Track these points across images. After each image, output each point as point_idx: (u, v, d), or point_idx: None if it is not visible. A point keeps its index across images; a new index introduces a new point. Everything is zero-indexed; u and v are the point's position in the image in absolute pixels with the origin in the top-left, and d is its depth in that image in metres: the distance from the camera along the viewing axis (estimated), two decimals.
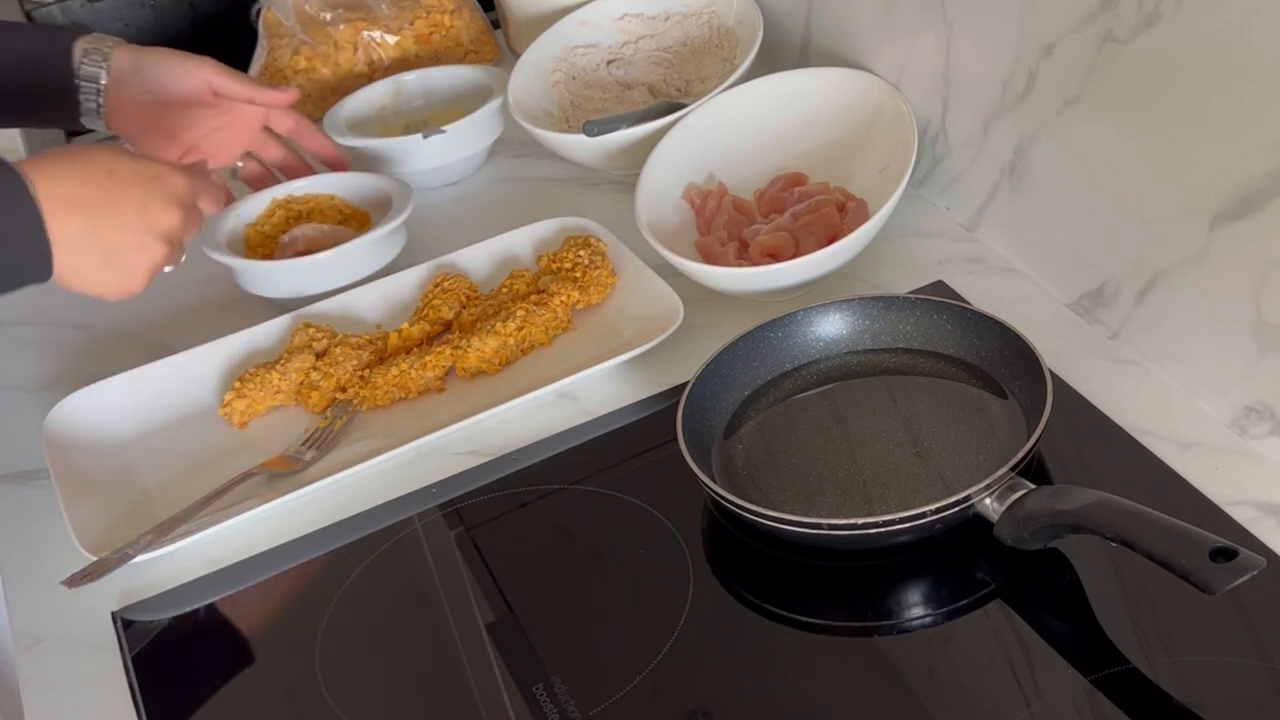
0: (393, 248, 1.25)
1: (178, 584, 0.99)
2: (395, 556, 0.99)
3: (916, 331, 1.02)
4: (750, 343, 1.03)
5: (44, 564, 1.02)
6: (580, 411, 1.08)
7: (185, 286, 1.30)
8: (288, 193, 1.29)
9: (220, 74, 1.18)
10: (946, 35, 1.12)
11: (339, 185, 1.31)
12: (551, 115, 1.39)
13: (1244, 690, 0.78)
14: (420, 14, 1.54)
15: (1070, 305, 1.07)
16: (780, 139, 1.24)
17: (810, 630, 0.90)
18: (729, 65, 1.37)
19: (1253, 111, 0.84)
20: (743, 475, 0.96)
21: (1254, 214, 0.87)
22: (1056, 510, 0.83)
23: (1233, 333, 0.91)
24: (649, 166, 1.21)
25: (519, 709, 0.86)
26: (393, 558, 0.99)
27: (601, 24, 1.45)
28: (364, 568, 0.98)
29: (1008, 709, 0.80)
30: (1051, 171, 1.05)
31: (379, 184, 1.29)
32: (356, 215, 1.29)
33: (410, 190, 1.27)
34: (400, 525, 1.01)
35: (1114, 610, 0.84)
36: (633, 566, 0.95)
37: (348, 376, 1.11)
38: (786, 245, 1.11)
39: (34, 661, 0.96)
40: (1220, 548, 0.75)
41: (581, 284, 1.15)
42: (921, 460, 0.95)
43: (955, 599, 0.88)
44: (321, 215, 1.29)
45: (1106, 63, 0.95)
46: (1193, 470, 0.92)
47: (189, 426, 1.12)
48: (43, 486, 1.07)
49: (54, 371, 1.23)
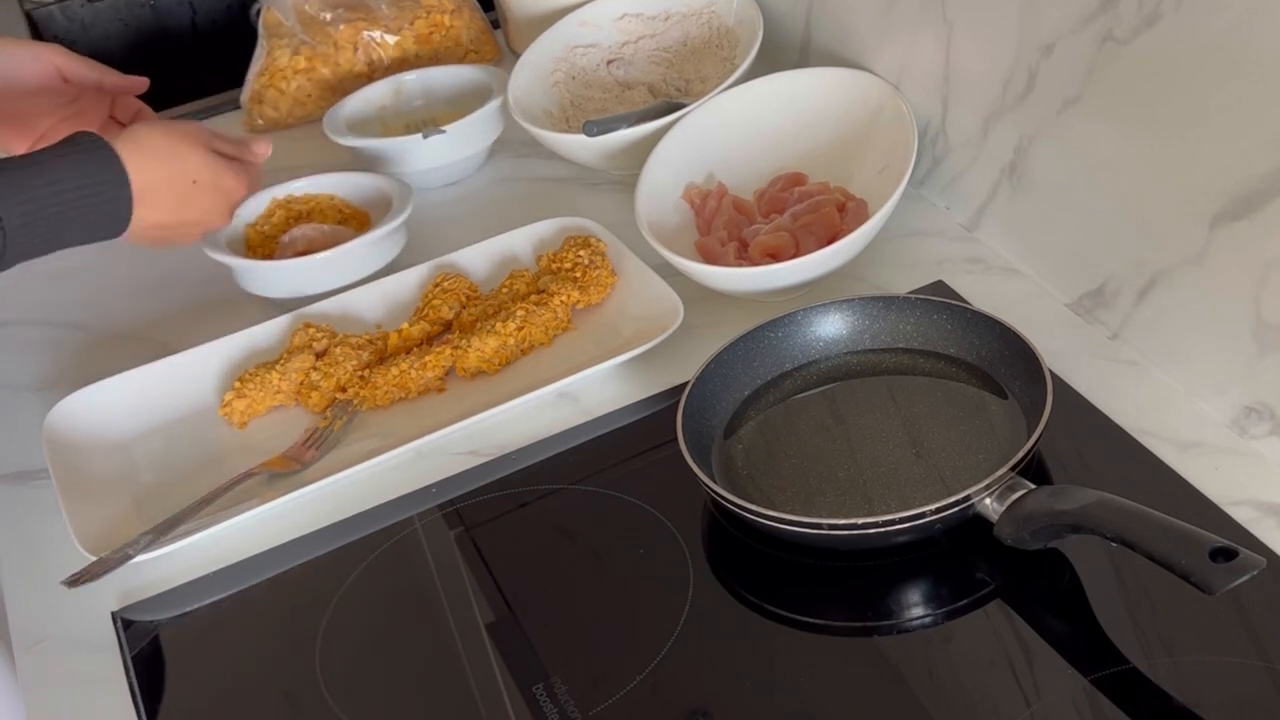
0: (393, 247, 1.25)
1: (178, 584, 0.99)
2: (395, 556, 0.99)
3: (916, 331, 1.02)
4: (750, 343, 1.03)
5: (44, 564, 1.02)
6: (580, 411, 1.08)
7: (185, 286, 1.31)
8: (287, 193, 1.29)
9: (68, 59, 1.16)
10: (946, 35, 1.12)
11: (338, 185, 1.31)
12: (551, 115, 1.39)
13: (1244, 690, 0.78)
14: (420, 14, 1.54)
15: (1070, 305, 1.07)
16: (780, 139, 1.24)
17: (810, 630, 0.90)
18: (729, 65, 1.37)
19: (1253, 111, 0.84)
20: (743, 475, 0.96)
21: (1254, 214, 0.87)
22: (1056, 510, 0.83)
23: (1233, 333, 0.91)
24: (649, 166, 1.21)
25: (519, 709, 0.86)
26: (393, 558, 0.99)
27: (601, 24, 1.45)
28: (364, 568, 0.98)
29: (1008, 709, 0.80)
30: (1051, 171, 1.05)
31: (379, 184, 1.29)
32: (356, 215, 1.29)
33: (410, 190, 1.27)
34: (400, 525, 1.01)
35: (1114, 610, 0.84)
36: (633, 566, 0.95)
37: (348, 376, 1.11)
38: (786, 245, 1.11)
39: (34, 661, 0.96)
40: (1220, 548, 0.75)
41: (581, 284, 1.15)
42: (921, 460, 0.95)
43: (955, 599, 0.88)
44: (321, 215, 1.29)
45: (1106, 63, 0.95)
46: (1193, 470, 0.92)
47: (189, 426, 1.12)
48: (43, 486, 1.07)
49: (54, 371, 1.23)
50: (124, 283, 1.34)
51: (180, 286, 1.31)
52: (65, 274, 1.37)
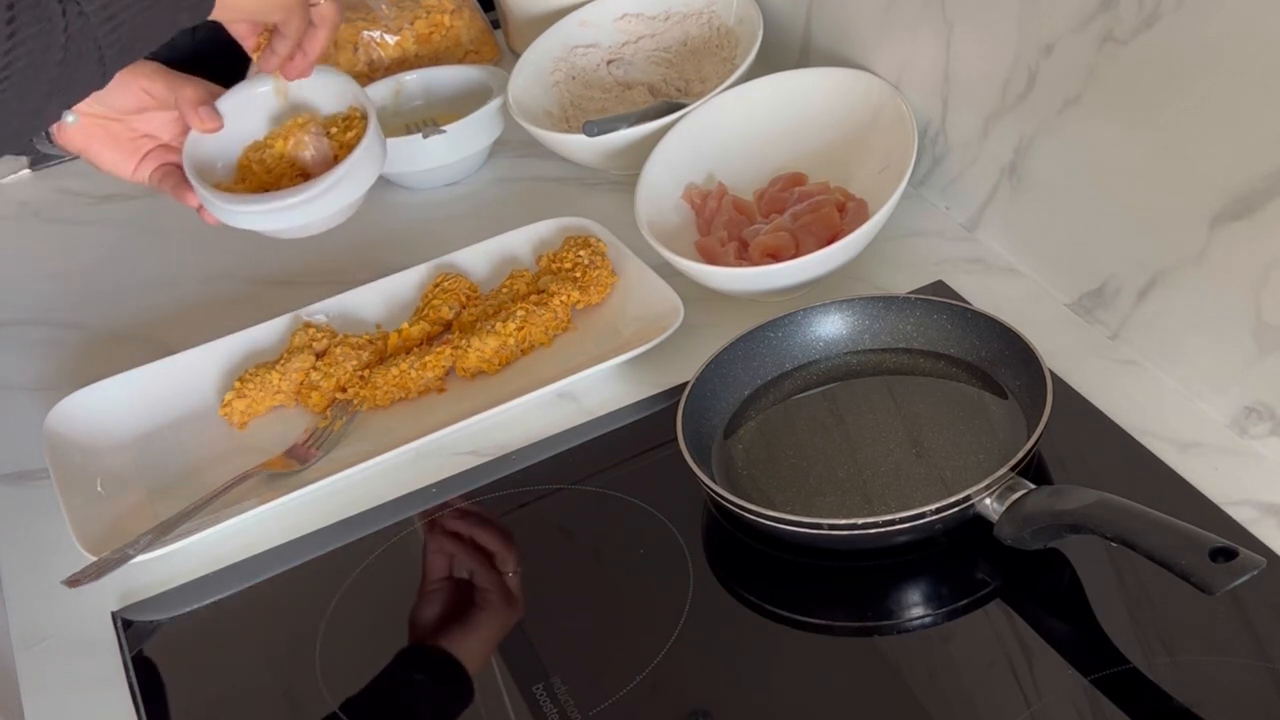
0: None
1: (178, 584, 1.00)
2: (395, 556, 0.99)
3: (916, 331, 1.02)
4: (750, 343, 1.03)
5: (44, 564, 1.02)
6: (580, 411, 1.08)
7: (185, 286, 1.31)
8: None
9: (150, 79, 1.07)
10: (946, 35, 1.12)
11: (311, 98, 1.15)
12: (551, 115, 1.39)
13: (1244, 690, 0.78)
14: (420, 14, 1.54)
15: (1070, 305, 1.07)
16: (780, 139, 1.24)
17: (810, 630, 0.90)
18: (729, 65, 1.37)
19: (1252, 111, 0.84)
20: (743, 475, 0.96)
21: (1254, 214, 0.87)
22: (1056, 510, 0.83)
23: (1233, 333, 0.91)
24: (649, 166, 1.21)
25: (519, 709, 0.86)
26: (393, 558, 0.99)
27: (601, 24, 1.45)
28: (364, 568, 0.98)
29: (1008, 709, 0.80)
30: (1051, 171, 1.05)
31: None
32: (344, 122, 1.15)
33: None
34: (400, 525, 1.01)
35: (1114, 610, 0.84)
36: (633, 566, 0.95)
37: (348, 376, 1.11)
38: (786, 245, 1.11)
39: (34, 661, 0.96)
40: (1220, 548, 0.75)
41: (581, 284, 1.15)
42: (921, 460, 0.95)
43: (955, 599, 0.88)
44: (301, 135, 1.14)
45: (1106, 63, 0.95)
46: (1193, 470, 0.92)
47: (189, 426, 1.12)
48: (43, 486, 1.07)
49: (54, 371, 1.23)
50: (124, 283, 1.34)
51: (180, 286, 1.31)
52: (65, 274, 1.37)
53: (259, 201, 1.06)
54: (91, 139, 1.05)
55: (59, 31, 0.80)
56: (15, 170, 1.53)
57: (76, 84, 0.85)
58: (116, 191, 1.45)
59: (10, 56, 0.79)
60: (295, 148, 1.10)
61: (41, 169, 1.52)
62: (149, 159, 1.08)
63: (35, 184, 1.52)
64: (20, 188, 1.52)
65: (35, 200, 1.50)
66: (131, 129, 1.07)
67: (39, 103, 0.83)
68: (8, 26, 0.78)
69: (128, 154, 1.08)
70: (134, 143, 1.07)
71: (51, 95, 0.83)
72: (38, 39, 0.79)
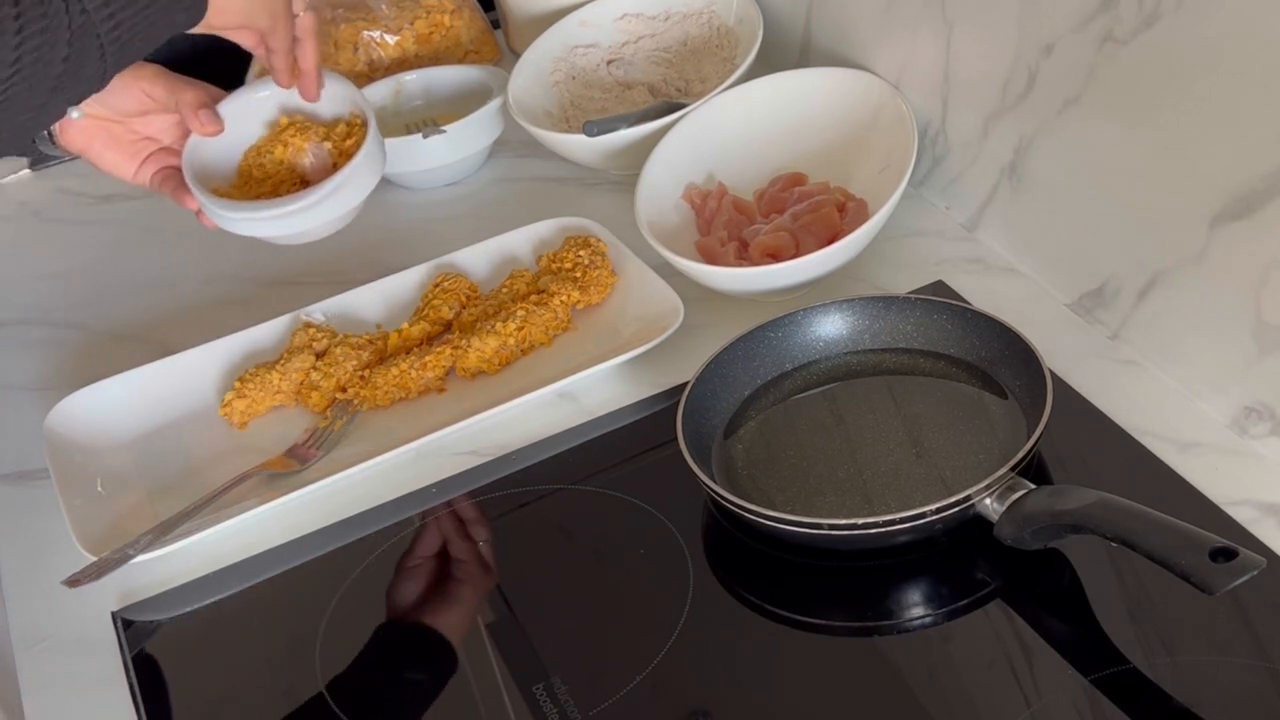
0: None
1: (178, 584, 1.00)
2: (395, 556, 0.99)
3: (916, 331, 1.02)
4: (750, 343, 1.03)
5: (44, 564, 1.02)
6: (580, 411, 1.08)
7: (185, 286, 1.31)
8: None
9: (151, 82, 1.07)
10: (946, 35, 1.12)
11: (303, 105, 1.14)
12: (551, 115, 1.39)
13: (1244, 690, 0.78)
14: (420, 14, 1.54)
15: (1070, 305, 1.07)
16: (780, 139, 1.24)
17: (810, 630, 0.90)
18: (729, 65, 1.37)
19: (1252, 111, 0.84)
20: (743, 475, 0.96)
21: (1254, 214, 0.87)
22: (1056, 510, 0.83)
23: (1233, 333, 0.91)
24: (649, 166, 1.21)
25: (519, 709, 0.86)
26: (393, 558, 0.99)
27: (601, 24, 1.45)
28: (364, 568, 0.98)
29: (1008, 709, 0.80)
30: (1051, 171, 1.05)
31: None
32: (339, 128, 1.15)
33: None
34: (400, 525, 1.01)
35: (1114, 610, 0.84)
36: (633, 566, 0.95)
37: (348, 376, 1.11)
38: (786, 245, 1.11)
39: (34, 661, 0.96)
40: (1220, 548, 0.75)
41: (581, 284, 1.15)
42: (921, 460, 0.95)
43: (955, 599, 0.88)
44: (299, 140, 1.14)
45: (1106, 63, 0.95)
46: (1193, 470, 0.92)
47: (189, 426, 1.12)
48: (43, 486, 1.07)
49: (54, 371, 1.23)
50: (124, 283, 1.34)
51: (180, 286, 1.31)
52: (65, 274, 1.37)
53: (256, 208, 1.06)
54: (92, 140, 1.06)
55: (64, 28, 0.81)
56: (15, 170, 1.53)
57: (80, 81, 0.85)
58: (116, 192, 1.45)
59: (19, 51, 0.79)
60: (294, 155, 1.11)
61: (41, 169, 1.52)
62: (150, 161, 1.09)
63: (35, 184, 1.52)
64: (20, 188, 1.52)
65: (35, 200, 1.50)
66: (132, 131, 1.07)
67: (45, 98, 0.83)
68: (15, 22, 0.79)
69: (128, 156, 1.08)
70: (135, 145, 1.08)
71: (57, 91, 0.84)
72: (45, 34, 0.80)
